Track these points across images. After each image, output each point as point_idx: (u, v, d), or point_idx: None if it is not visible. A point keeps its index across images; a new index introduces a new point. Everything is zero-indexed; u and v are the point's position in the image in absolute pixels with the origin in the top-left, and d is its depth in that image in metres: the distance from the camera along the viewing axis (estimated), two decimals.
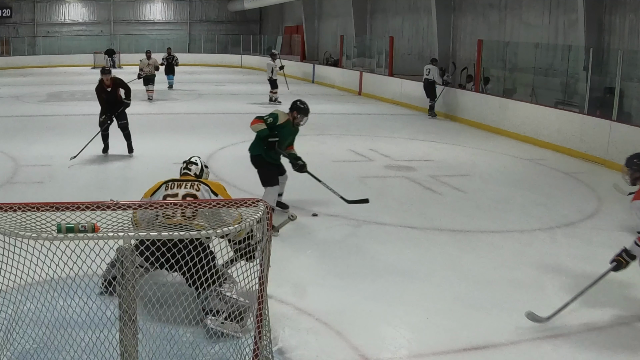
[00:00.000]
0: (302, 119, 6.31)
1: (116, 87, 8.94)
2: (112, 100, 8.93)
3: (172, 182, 4.28)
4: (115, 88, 8.94)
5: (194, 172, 4.66)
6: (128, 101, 9.05)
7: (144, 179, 7.92)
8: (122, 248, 2.49)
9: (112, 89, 8.90)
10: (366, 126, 13.07)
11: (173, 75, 18.80)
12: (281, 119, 6.15)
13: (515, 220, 6.64)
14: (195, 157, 4.84)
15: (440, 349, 3.82)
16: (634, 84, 11.08)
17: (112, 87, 8.89)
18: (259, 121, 6.10)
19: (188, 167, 4.70)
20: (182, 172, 4.69)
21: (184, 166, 4.72)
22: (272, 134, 6.08)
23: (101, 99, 8.96)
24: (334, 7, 25.83)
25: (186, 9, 35.95)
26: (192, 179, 4.47)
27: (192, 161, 4.75)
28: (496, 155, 10.30)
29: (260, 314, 3.00)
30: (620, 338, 4.07)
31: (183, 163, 4.76)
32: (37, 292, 2.86)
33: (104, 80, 8.82)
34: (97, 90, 8.98)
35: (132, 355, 2.54)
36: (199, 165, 4.73)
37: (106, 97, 8.90)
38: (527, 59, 13.95)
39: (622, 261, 4.30)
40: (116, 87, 8.94)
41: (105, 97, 8.90)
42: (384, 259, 5.34)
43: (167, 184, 4.26)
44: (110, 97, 8.92)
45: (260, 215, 2.85)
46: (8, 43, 30.80)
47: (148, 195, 4.29)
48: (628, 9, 11.61)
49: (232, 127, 12.35)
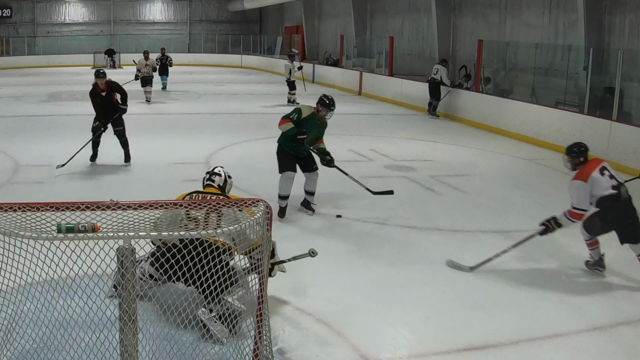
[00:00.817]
0: (327, 112, 6.33)
1: (111, 91, 8.36)
2: (107, 105, 8.33)
3: (196, 195, 4.17)
4: (111, 92, 8.35)
5: (217, 183, 4.50)
6: (124, 106, 8.48)
7: (144, 179, 7.96)
8: (122, 248, 2.49)
9: (107, 93, 8.31)
10: (366, 126, 13.06)
11: (167, 76, 18.38)
12: (305, 113, 6.24)
13: (515, 220, 6.64)
14: (218, 167, 4.67)
15: (440, 349, 3.82)
16: (634, 84, 11.07)
17: (107, 91, 8.31)
18: (285, 121, 6.22)
19: (211, 178, 4.53)
20: (205, 184, 4.53)
21: (207, 177, 4.56)
22: (300, 131, 6.19)
23: (95, 104, 8.36)
24: (334, 7, 25.83)
25: (186, 9, 35.94)
26: (216, 191, 4.35)
27: (215, 172, 4.57)
28: (496, 155, 10.30)
29: (260, 314, 3.00)
30: (620, 338, 4.07)
31: (206, 174, 4.61)
32: (37, 292, 2.86)
33: (98, 84, 8.25)
34: (91, 94, 8.37)
35: (132, 355, 2.54)
36: (222, 176, 4.55)
37: (101, 102, 8.30)
38: (527, 59, 13.94)
39: (550, 227, 5.09)
40: (111, 91, 8.36)
41: (99, 102, 8.31)
42: (384, 259, 5.34)
43: (190, 196, 4.17)
44: (105, 102, 8.32)
45: (260, 215, 2.85)
46: (8, 43, 30.79)
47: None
48: (628, 9, 11.60)
49: (232, 127, 12.37)
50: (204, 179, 4.60)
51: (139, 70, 15.58)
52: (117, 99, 8.42)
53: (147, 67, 15.59)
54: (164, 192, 6.92)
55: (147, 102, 15.37)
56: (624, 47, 11.29)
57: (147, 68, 15.56)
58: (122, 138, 8.63)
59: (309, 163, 6.46)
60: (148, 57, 15.97)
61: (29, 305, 2.98)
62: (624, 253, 5.70)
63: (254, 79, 25.44)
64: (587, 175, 4.93)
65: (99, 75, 8.31)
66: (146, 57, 15.84)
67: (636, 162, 8.99)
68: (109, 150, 9.24)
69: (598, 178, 4.93)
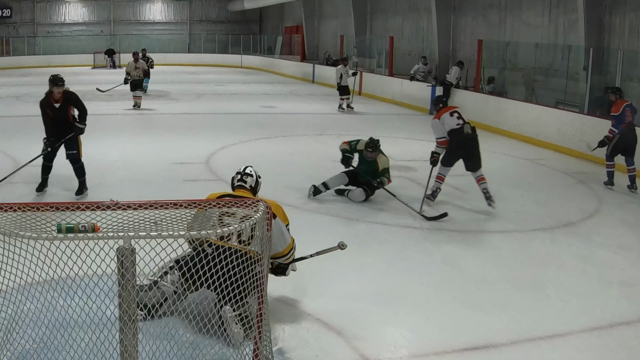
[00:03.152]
0: (369, 153, 7.07)
1: (67, 104, 6.70)
2: (60, 120, 6.67)
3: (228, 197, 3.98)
4: (66, 105, 6.69)
5: (249, 184, 4.30)
6: (82, 125, 6.79)
7: (145, 179, 7.95)
8: (122, 248, 2.49)
9: (61, 105, 6.64)
10: (366, 126, 13.06)
11: (148, 79, 16.08)
12: (360, 146, 7.19)
13: (515, 220, 6.64)
14: (249, 167, 4.42)
15: (440, 349, 3.82)
16: (634, 84, 11.08)
17: (62, 102, 6.64)
18: (345, 142, 7.32)
19: (243, 179, 4.31)
20: (237, 185, 4.32)
21: (239, 178, 4.34)
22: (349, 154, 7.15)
23: (46, 118, 6.68)
24: (334, 7, 25.83)
25: (186, 9, 35.95)
26: (249, 194, 4.16)
27: (247, 172, 4.34)
28: (496, 155, 10.29)
29: (260, 314, 3.00)
30: (620, 338, 4.07)
31: (237, 174, 4.38)
32: (37, 292, 2.86)
33: (54, 92, 6.56)
34: (42, 104, 6.67)
35: (132, 355, 2.54)
36: (254, 176, 4.34)
37: (53, 116, 6.65)
38: (527, 59, 13.95)
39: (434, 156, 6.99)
40: (67, 104, 6.70)
41: (51, 116, 6.65)
42: (384, 258, 5.34)
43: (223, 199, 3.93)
44: (58, 116, 6.65)
45: (260, 215, 2.85)
46: (8, 43, 30.80)
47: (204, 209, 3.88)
48: (628, 9, 11.61)
49: (232, 127, 12.36)
50: (233, 179, 4.39)
51: (129, 74, 14.68)
52: (73, 114, 6.80)
53: (137, 70, 14.66)
54: (164, 192, 6.95)
55: (136, 107, 14.39)
56: (624, 47, 11.30)
57: (137, 71, 14.63)
58: (76, 164, 6.88)
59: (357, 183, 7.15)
60: (138, 59, 14.99)
61: (29, 305, 2.98)
62: (622, 252, 5.71)
63: (254, 79, 25.44)
64: (440, 116, 6.95)
65: (56, 81, 6.59)
66: (136, 60, 14.90)
67: (636, 162, 8.98)
68: (109, 150, 9.25)
69: (447, 118, 6.90)
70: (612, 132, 7.94)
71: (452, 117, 6.89)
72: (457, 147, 6.83)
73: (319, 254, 4.37)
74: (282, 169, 8.41)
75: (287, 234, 4.03)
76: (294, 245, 4.12)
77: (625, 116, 7.82)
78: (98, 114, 13.77)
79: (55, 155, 6.85)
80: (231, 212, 3.63)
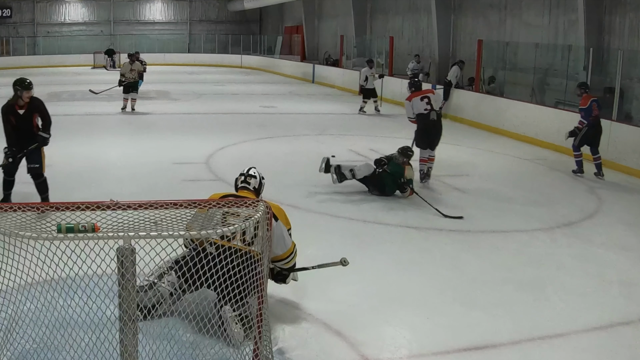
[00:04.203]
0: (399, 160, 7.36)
1: (32, 112, 6.10)
2: (24, 128, 6.08)
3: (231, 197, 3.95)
4: (31, 112, 6.09)
5: (253, 185, 4.28)
6: (47, 135, 6.20)
7: (145, 179, 7.95)
8: (122, 248, 2.49)
9: (26, 112, 6.06)
10: (366, 126, 13.07)
11: (142, 81, 16.04)
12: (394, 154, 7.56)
13: (515, 220, 6.64)
14: (252, 168, 4.40)
15: (440, 349, 3.82)
16: (634, 84, 11.08)
17: (26, 109, 6.06)
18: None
19: (247, 180, 4.30)
20: (240, 186, 4.31)
21: (242, 179, 4.32)
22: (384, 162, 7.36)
23: (7, 125, 6.05)
24: (334, 7, 25.84)
25: (186, 9, 35.96)
26: (252, 196, 4.14)
27: (250, 174, 4.33)
28: (496, 155, 10.30)
29: (260, 314, 3.00)
30: (620, 338, 4.07)
31: (240, 175, 4.35)
32: (37, 292, 2.86)
33: (22, 97, 5.97)
34: (4, 110, 6.05)
35: (132, 355, 2.54)
36: (257, 178, 4.33)
37: (16, 123, 6.03)
38: (527, 59, 13.95)
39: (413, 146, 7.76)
40: (32, 112, 6.10)
41: (14, 123, 6.03)
42: (384, 258, 5.34)
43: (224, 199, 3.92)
44: (22, 124, 6.05)
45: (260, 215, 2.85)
46: (8, 43, 30.80)
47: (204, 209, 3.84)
48: (628, 9, 11.61)
49: (232, 127, 12.37)
50: (236, 181, 4.37)
51: (123, 75, 14.07)
52: (37, 123, 6.20)
53: (133, 72, 14.09)
54: (164, 192, 6.95)
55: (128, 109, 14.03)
56: (624, 47, 11.30)
57: (132, 73, 14.07)
58: (39, 179, 6.24)
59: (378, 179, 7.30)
60: (134, 60, 14.40)
61: (29, 305, 2.98)
62: (622, 252, 5.71)
63: (253, 79, 25.45)
64: (411, 98, 7.82)
65: (25, 85, 6.00)
66: (132, 61, 14.31)
67: (636, 161, 8.99)
68: (109, 150, 9.25)
69: (417, 101, 7.71)
70: (581, 124, 8.70)
71: (422, 102, 7.69)
72: (424, 129, 7.80)
73: (321, 267, 4.35)
74: (282, 169, 8.41)
75: (288, 238, 4.00)
76: (294, 250, 4.06)
77: (592, 110, 8.53)
78: (98, 114, 13.86)
79: (16, 169, 6.20)
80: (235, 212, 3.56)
